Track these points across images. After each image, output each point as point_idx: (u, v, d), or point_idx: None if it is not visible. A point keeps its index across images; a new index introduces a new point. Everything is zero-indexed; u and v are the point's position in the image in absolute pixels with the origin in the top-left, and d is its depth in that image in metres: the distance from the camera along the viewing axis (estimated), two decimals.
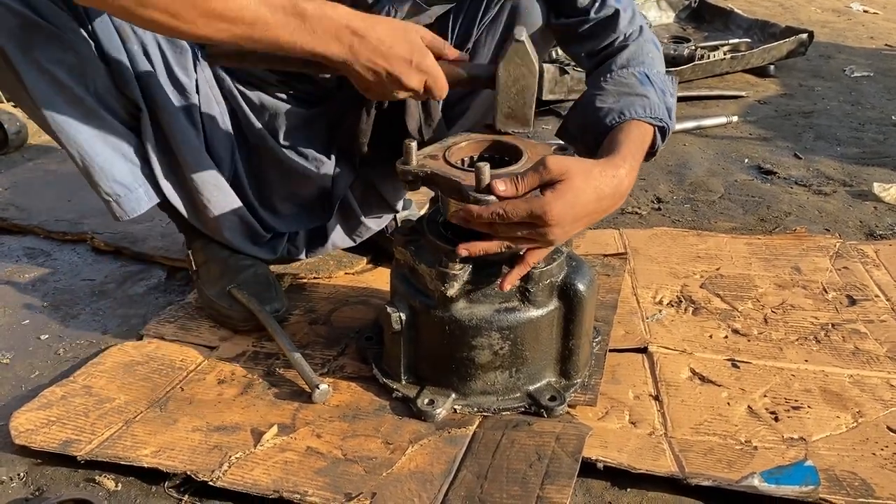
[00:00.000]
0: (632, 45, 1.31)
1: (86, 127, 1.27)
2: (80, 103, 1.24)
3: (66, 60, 1.20)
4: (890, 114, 2.86)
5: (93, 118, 1.27)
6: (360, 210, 1.61)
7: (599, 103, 1.25)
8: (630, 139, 1.18)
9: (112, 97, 1.27)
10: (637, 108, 1.22)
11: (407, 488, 1.10)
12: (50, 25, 1.18)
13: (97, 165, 1.30)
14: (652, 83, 1.26)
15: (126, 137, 1.33)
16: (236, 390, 1.32)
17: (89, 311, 1.59)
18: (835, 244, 1.83)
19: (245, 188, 1.51)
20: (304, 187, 1.55)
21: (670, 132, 1.27)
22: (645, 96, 1.24)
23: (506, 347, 1.23)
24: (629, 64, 1.29)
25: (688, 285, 1.66)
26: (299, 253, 1.63)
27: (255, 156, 1.50)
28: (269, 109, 1.48)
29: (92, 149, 1.29)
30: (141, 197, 1.38)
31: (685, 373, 1.38)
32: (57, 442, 1.19)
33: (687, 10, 4.08)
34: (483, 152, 1.29)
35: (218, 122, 1.43)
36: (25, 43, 1.17)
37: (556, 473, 1.11)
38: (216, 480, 1.11)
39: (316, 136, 1.53)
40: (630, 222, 1.99)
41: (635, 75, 1.27)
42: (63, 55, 1.20)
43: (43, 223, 1.92)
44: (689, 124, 2.68)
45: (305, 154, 1.52)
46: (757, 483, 1.10)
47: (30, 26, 1.17)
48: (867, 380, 1.36)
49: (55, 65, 1.20)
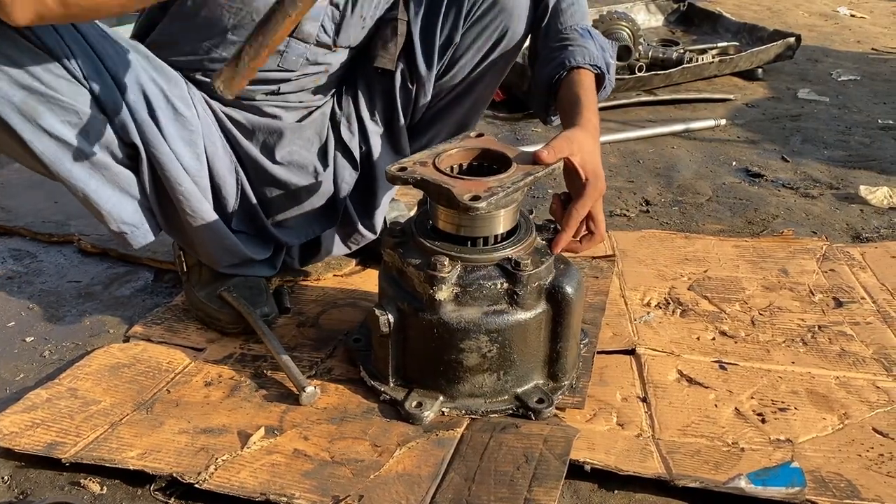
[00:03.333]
0: (568, 10, 1.46)
1: (93, 177, 1.29)
2: (86, 157, 1.27)
3: (70, 121, 1.23)
4: (876, 117, 2.88)
5: (98, 168, 1.29)
6: (356, 216, 1.61)
7: (546, 61, 1.43)
8: (584, 89, 1.37)
9: (114, 145, 1.29)
10: (577, 56, 1.39)
11: (394, 491, 1.10)
12: (51, 91, 1.20)
13: (105, 210, 1.33)
14: (592, 37, 1.44)
15: (130, 179, 1.34)
16: (223, 392, 1.32)
17: (75, 313, 1.58)
18: (822, 247, 1.84)
19: (254, 209, 1.51)
20: (307, 198, 1.55)
21: (608, 85, 1.46)
22: (584, 47, 1.41)
23: (494, 350, 1.23)
24: (571, 20, 1.45)
25: (676, 287, 1.66)
26: (294, 262, 1.63)
27: (256, 179, 1.50)
28: (260, 129, 1.47)
29: (98, 195, 1.31)
30: (147, 231, 1.40)
31: (673, 375, 1.38)
32: (41, 445, 1.18)
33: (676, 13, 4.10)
34: (473, 160, 1.30)
35: (219, 146, 1.42)
36: (30, 114, 1.20)
37: (544, 475, 1.12)
38: (202, 483, 1.10)
39: (311, 144, 1.53)
40: (618, 224, 2.00)
41: (577, 30, 1.43)
42: (66, 117, 1.23)
43: (29, 224, 1.90)
44: (678, 127, 2.69)
45: (304, 165, 1.52)
46: (743, 485, 1.11)
47: (33, 97, 1.19)
48: (853, 381, 1.37)
49: (60, 127, 1.23)
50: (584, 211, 1.27)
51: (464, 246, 1.24)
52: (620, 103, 2.92)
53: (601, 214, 1.31)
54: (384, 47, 1.46)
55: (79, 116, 1.23)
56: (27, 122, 1.20)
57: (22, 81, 1.17)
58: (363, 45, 1.48)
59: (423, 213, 1.32)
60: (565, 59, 1.40)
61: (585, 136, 1.29)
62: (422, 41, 1.47)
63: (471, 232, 1.24)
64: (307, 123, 1.51)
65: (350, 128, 1.54)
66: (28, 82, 1.18)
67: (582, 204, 1.26)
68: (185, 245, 1.50)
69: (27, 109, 1.19)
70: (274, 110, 1.48)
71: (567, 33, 1.44)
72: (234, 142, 1.46)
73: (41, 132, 1.21)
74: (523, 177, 1.20)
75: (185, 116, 1.34)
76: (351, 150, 1.55)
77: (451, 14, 1.45)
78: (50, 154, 1.23)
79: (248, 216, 1.51)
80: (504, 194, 1.17)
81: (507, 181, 1.19)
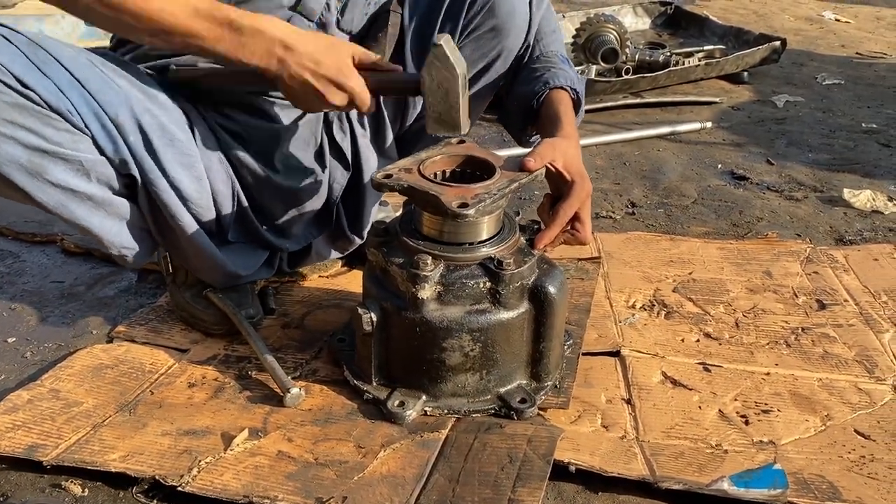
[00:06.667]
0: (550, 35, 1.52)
1: (95, 215, 1.31)
2: (89, 199, 1.29)
3: (73, 169, 1.25)
4: (860, 121, 2.91)
5: (100, 205, 1.31)
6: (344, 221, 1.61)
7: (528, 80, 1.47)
8: (564, 106, 1.40)
9: (113, 180, 1.31)
10: (560, 78, 1.43)
11: (378, 492, 1.10)
12: (54, 147, 1.21)
13: (106, 240, 1.36)
14: (570, 65, 1.50)
15: (129, 208, 1.36)
16: (207, 394, 1.31)
17: (58, 314, 1.57)
18: (805, 249, 1.85)
19: (250, 217, 1.51)
20: (305, 201, 1.55)
21: (582, 110, 1.50)
22: (565, 70, 1.46)
23: (476, 349, 1.23)
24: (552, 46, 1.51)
25: (661, 289, 1.67)
26: (283, 265, 1.63)
27: (254, 187, 1.49)
28: (256, 136, 1.47)
29: (101, 229, 1.33)
30: (147, 251, 1.43)
31: (657, 376, 1.39)
32: (22, 447, 1.17)
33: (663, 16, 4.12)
34: (456, 167, 1.30)
35: (214, 161, 1.43)
36: (36, 171, 1.21)
37: (528, 476, 1.12)
38: (185, 485, 1.10)
39: (307, 145, 1.52)
40: (604, 226, 2.00)
41: (557, 56, 1.49)
42: (70, 167, 1.24)
43: (11, 224, 1.89)
44: (664, 129, 2.70)
45: (302, 170, 1.52)
46: (726, 487, 1.11)
47: (37, 155, 1.21)
48: (836, 383, 1.37)
49: (64, 177, 1.24)
50: (571, 211, 1.28)
51: (447, 245, 1.24)
52: (607, 106, 2.93)
53: (588, 217, 1.31)
54: (376, 39, 1.47)
55: (81, 164, 1.25)
56: (33, 179, 1.22)
57: (28, 143, 1.19)
58: (358, 39, 1.48)
59: (408, 212, 1.32)
60: (548, 79, 1.43)
61: (568, 143, 1.31)
62: (413, 45, 1.48)
63: (455, 238, 1.24)
64: (302, 124, 1.51)
65: (342, 128, 1.55)
66: (34, 142, 1.19)
67: (569, 204, 1.27)
68: (181, 263, 1.51)
69: (33, 167, 1.21)
70: (271, 110, 1.47)
71: (549, 57, 1.49)
72: (230, 153, 1.46)
73: (46, 185, 1.23)
74: (509, 183, 1.21)
75: (182, 140, 1.35)
76: (343, 150, 1.55)
77: (446, 27, 1.46)
78: (54, 202, 1.26)
79: (244, 225, 1.51)
80: (491, 201, 1.17)
81: (493, 188, 1.19)
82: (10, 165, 1.19)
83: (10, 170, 1.19)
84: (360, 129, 1.55)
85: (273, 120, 1.47)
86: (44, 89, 1.18)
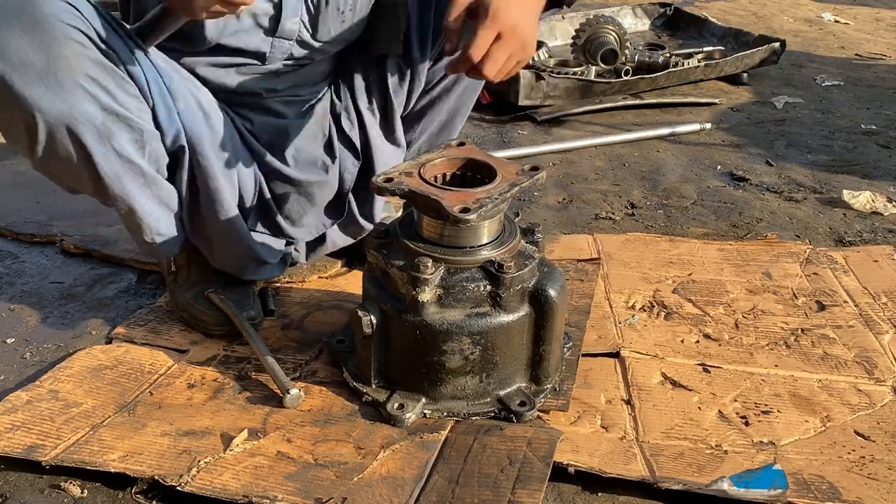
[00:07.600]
0: None
1: (143, 194, 1.32)
2: (142, 174, 1.30)
3: (136, 139, 1.25)
4: (859, 122, 2.91)
5: (150, 184, 1.32)
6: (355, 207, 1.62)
7: None
8: None
9: (163, 159, 1.32)
10: None
11: (378, 493, 1.10)
12: (124, 111, 1.22)
13: (146, 222, 1.36)
14: None
15: (172, 193, 1.38)
16: (206, 394, 1.31)
17: (57, 315, 1.57)
18: (805, 250, 1.85)
19: (269, 206, 1.52)
20: (318, 193, 1.56)
21: None
22: None
23: (476, 352, 1.22)
24: None
25: (660, 290, 1.67)
26: (301, 257, 1.64)
27: (270, 180, 1.51)
28: (269, 129, 1.49)
29: (144, 210, 1.34)
30: (175, 242, 1.44)
31: (657, 377, 1.39)
32: (21, 447, 1.17)
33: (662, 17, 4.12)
34: (457, 170, 1.30)
35: (239, 146, 1.44)
36: (106, 135, 1.21)
37: (528, 478, 1.11)
38: (184, 485, 1.10)
39: (316, 138, 1.53)
40: (604, 227, 2.00)
41: None
42: (133, 135, 1.25)
43: (11, 225, 1.89)
44: (663, 130, 2.70)
45: (313, 161, 1.53)
46: (726, 487, 1.11)
47: (110, 118, 1.21)
48: (835, 384, 1.37)
49: (128, 147, 1.25)
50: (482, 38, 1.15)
51: (448, 248, 1.24)
52: (606, 107, 2.93)
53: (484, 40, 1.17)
54: (387, 31, 1.47)
55: (142, 134, 1.25)
56: (101, 143, 1.22)
57: (104, 103, 1.19)
58: (356, 38, 1.47)
59: (409, 213, 1.32)
60: None
61: None
62: (417, 27, 1.48)
63: (455, 241, 1.24)
64: (310, 118, 1.52)
65: (350, 118, 1.55)
66: (109, 103, 1.19)
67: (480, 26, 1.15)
68: (206, 253, 1.51)
69: (105, 130, 1.21)
70: (277, 107, 1.48)
71: None
72: (248, 144, 1.47)
73: (111, 153, 1.24)
74: (509, 187, 1.21)
75: (214, 120, 1.36)
76: (352, 140, 1.56)
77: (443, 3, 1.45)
78: (113, 174, 1.26)
79: (264, 214, 1.53)
80: (492, 205, 1.17)
81: (494, 192, 1.20)
82: (85, 125, 1.18)
83: (83, 129, 1.18)
84: (369, 117, 1.55)
85: (280, 116, 1.48)
86: (121, 50, 1.18)
